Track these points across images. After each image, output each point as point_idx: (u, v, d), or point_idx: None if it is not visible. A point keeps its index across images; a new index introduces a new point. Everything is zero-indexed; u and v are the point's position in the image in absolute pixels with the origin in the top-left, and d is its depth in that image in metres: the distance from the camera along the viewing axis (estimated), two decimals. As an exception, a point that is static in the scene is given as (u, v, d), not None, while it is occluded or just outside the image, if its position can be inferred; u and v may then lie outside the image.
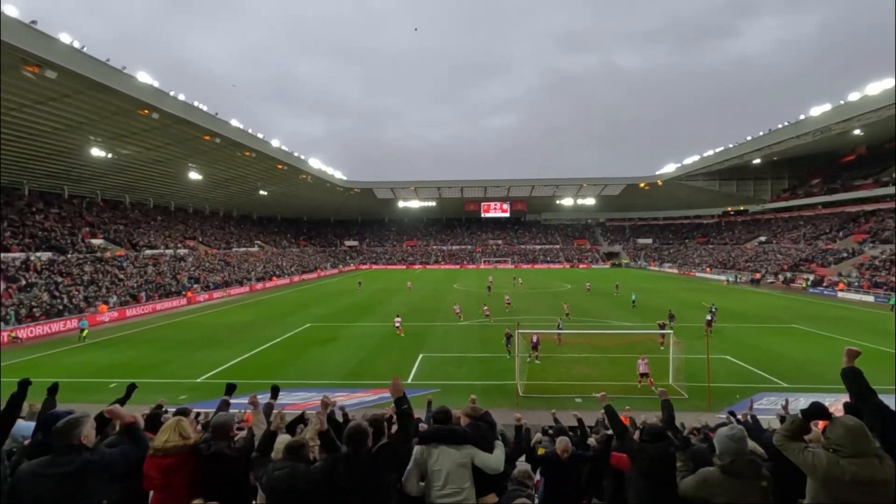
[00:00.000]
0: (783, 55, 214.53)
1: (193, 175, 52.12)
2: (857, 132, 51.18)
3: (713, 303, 31.28)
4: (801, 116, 52.07)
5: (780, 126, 56.11)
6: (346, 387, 16.70)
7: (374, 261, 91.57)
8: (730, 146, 66.76)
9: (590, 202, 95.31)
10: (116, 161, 41.87)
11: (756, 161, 69.61)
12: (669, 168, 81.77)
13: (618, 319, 30.21)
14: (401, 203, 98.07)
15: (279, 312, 35.30)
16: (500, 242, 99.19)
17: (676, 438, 4.35)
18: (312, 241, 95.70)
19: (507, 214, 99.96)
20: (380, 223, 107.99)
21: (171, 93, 34.59)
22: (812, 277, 48.92)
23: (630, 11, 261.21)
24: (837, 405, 4.19)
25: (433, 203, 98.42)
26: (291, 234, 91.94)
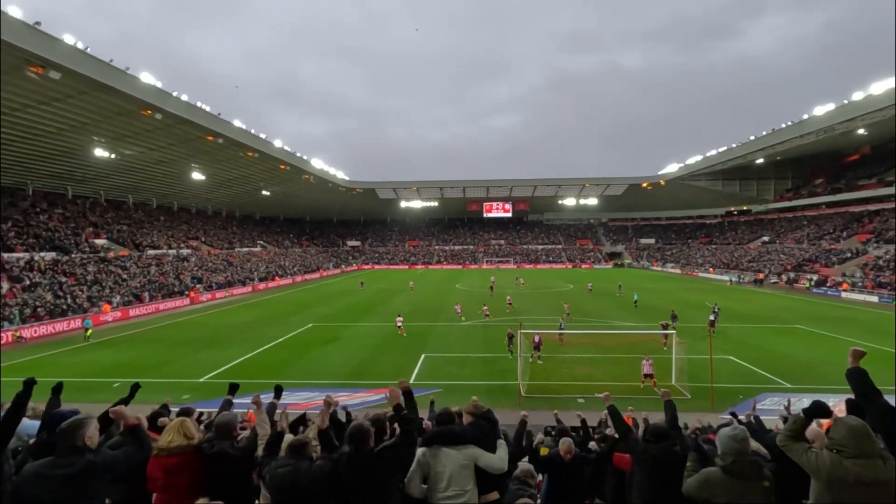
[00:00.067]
0: (786, 54, 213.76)
1: (196, 175, 52.30)
2: (861, 131, 50.97)
3: (716, 303, 31.22)
4: (805, 116, 51.91)
5: (784, 126, 55.90)
6: (349, 387, 16.70)
7: (377, 261, 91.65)
8: (733, 146, 66.52)
9: (592, 202, 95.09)
10: (120, 161, 42.05)
11: (759, 161, 69.40)
12: (672, 168, 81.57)
13: (620, 320, 30.17)
14: (403, 203, 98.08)
15: (282, 312, 35.37)
16: (503, 242, 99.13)
17: (680, 439, 4.33)
18: (315, 241, 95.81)
19: (510, 214, 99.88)
20: (382, 223, 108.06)
21: (175, 93, 34.74)
22: (815, 277, 48.75)
23: (633, 11, 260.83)
24: (840, 406, 4.18)
25: (435, 203, 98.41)
26: (294, 234, 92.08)
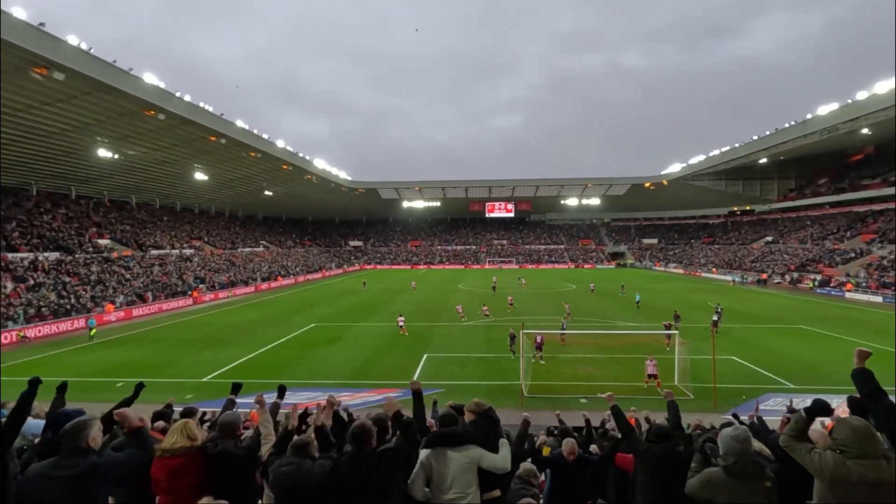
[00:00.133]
0: (790, 54, 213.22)
1: (199, 175, 52.45)
2: (865, 131, 50.69)
3: (719, 303, 31.12)
4: (808, 115, 51.69)
5: (787, 125, 55.68)
6: (351, 386, 16.72)
7: (379, 261, 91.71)
8: (736, 146, 66.31)
9: (595, 202, 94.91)
10: (123, 162, 42.18)
11: (762, 161, 69.11)
12: (675, 168, 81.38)
13: (622, 320, 30.12)
14: (405, 203, 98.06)
15: (284, 312, 35.44)
16: (505, 242, 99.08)
17: (683, 439, 4.33)
18: (317, 242, 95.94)
19: (512, 214, 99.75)
20: (384, 223, 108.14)
21: (177, 94, 34.84)
22: (819, 278, 48.58)
23: (635, 11, 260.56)
24: (843, 406, 4.17)
25: (438, 203, 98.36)
26: (296, 235, 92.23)
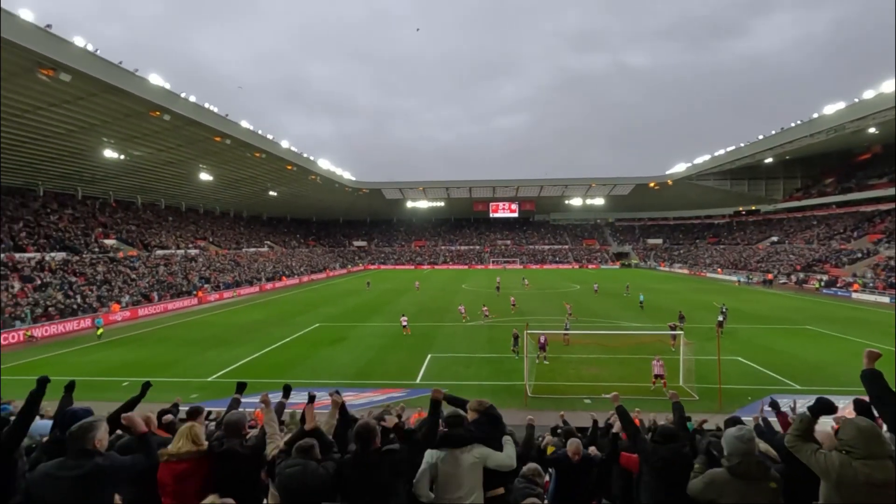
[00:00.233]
0: (796, 53, 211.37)
1: (204, 176, 52.70)
2: (872, 130, 50.30)
3: (724, 303, 30.96)
4: (815, 115, 51.29)
5: (793, 125, 55.30)
6: (355, 386, 16.75)
7: (383, 261, 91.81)
8: (741, 145, 65.97)
9: (599, 202, 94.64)
10: (129, 162, 42.46)
11: (768, 160, 68.73)
12: (680, 167, 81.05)
13: (627, 320, 30.03)
14: (409, 203, 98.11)
15: (289, 312, 35.55)
16: (509, 243, 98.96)
17: (689, 440, 4.31)
18: (321, 242, 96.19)
19: (516, 214, 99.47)
20: (388, 223, 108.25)
21: (183, 94, 35.03)
22: (825, 278, 48.25)
23: (640, 10, 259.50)
24: (849, 407, 4.14)
25: (441, 203, 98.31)
26: (301, 235, 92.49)
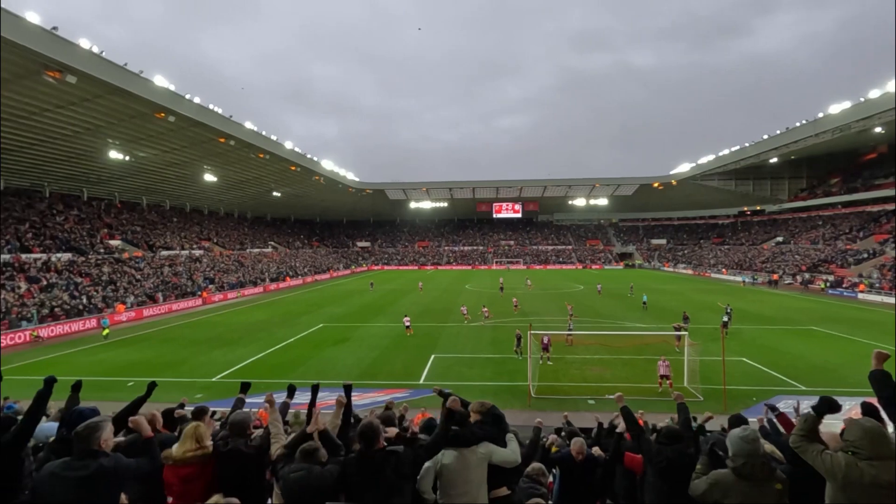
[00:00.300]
0: (801, 52, 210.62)
1: (208, 177, 52.94)
2: (878, 130, 49.91)
3: (728, 304, 30.82)
4: (820, 114, 51.03)
5: (798, 124, 55.02)
6: (359, 387, 16.74)
7: (386, 261, 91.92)
8: (746, 145, 65.69)
9: (603, 202, 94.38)
10: (134, 164, 42.70)
11: (773, 160, 68.31)
12: (684, 168, 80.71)
13: (630, 321, 29.94)
14: (412, 204, 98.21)
15: (292, 313, 35.62)
16: (512, 243, 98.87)
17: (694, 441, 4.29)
18: (325, 242, 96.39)
19: (519, 215, 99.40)
20: (392, 224, 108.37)
21: (187, 96, 35.21)
22: (831, 278, 47.97)
23: (644, 10, 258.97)
24: (856, 409, 4.12)
25: (445, 204, 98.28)
26: (304, 235, 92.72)
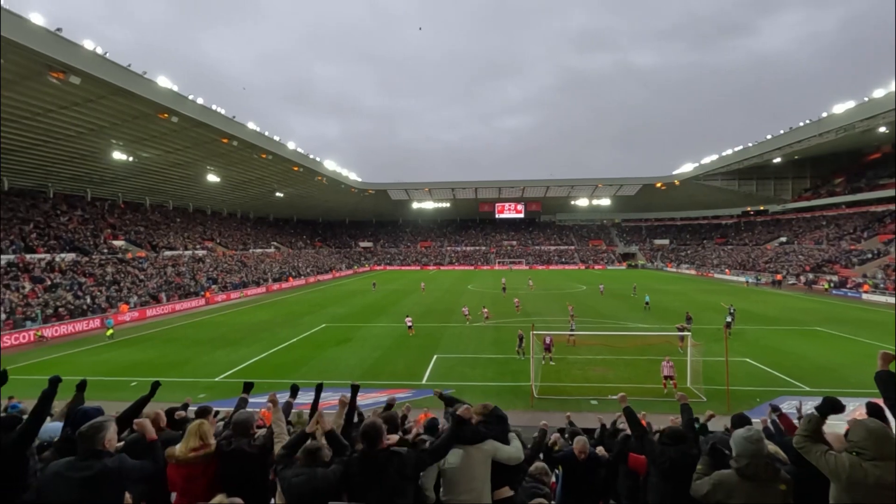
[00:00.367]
0: (804, 52, 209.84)
1: (211, 177, 53.08)
2: (883, 129, 49.67)
3: (732, 304, 30.70)
4: (824, 114, 50.73)
5: (802, 124, 54.73)
6: (362, 387, 16.74)
7: (389, 262, 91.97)
8: (749, 145, 65.38)
9: (605, 203, 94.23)
10: (137, 164, 42.83)
11: (777, 160, 68.09)
12: (687, 168, 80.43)
13: (633, 321, 29.87)
14: (415, 204, 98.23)
15: (295, 313, 35.67)
16: (515, 243, 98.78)
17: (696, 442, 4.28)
18: (328, 243, 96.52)
19: (522, 215, 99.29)
20: (394, 224, 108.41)
21: (190, 96, 35.31)
22: (835, 279, 47.75)
23: (646, 10, 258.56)
24: (861, 409, 4.10)
25: (447, 204, 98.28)
26: (307, 236, 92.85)
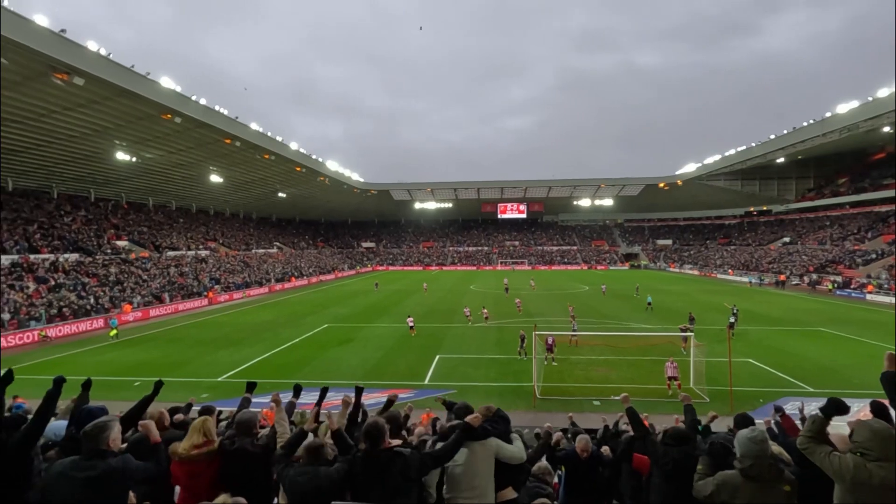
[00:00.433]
0: (808, 51, 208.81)
1: (214, 178, 53.21)
2: (887, 129, 49.48)
3: (735, 304, 30.62)
4: (828, 114, 50.58)
5: (805, 124, 54.55)
6: (364, 387, 16.77)
7: (391, 262, 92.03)
8: (752, 145, 65.25)
9: (608, 203, 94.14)
10: (140, 165, 42.99)
11: (780, 160, 67.92)
12: (690, 168, 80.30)
13: (635, 322, 29.81)
14: (417, 204, 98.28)
15: (298, 313, 35.72)
16: (517, 244, 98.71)
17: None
18: (330, 243, 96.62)
19: (524, 215, 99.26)
20: (396, 224, 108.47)
21: (193, 97, 35.42)
22: (839, 279, 47.57)
23: (649, 9, 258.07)
24: (865, 410, 4.09)
25: (449, 204, 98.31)
26: (309, 236, 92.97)
